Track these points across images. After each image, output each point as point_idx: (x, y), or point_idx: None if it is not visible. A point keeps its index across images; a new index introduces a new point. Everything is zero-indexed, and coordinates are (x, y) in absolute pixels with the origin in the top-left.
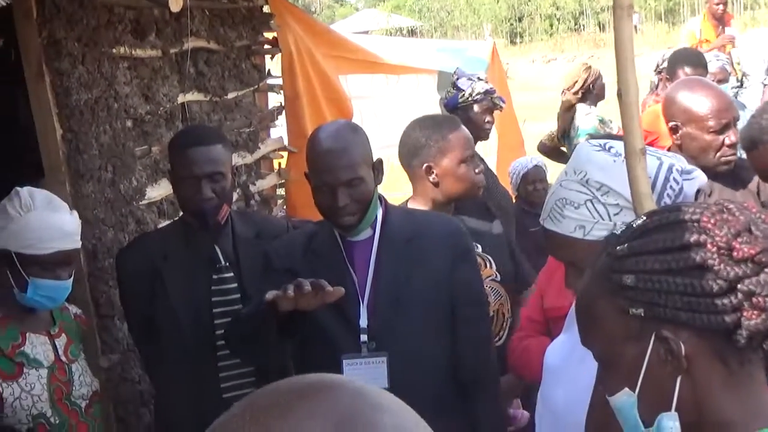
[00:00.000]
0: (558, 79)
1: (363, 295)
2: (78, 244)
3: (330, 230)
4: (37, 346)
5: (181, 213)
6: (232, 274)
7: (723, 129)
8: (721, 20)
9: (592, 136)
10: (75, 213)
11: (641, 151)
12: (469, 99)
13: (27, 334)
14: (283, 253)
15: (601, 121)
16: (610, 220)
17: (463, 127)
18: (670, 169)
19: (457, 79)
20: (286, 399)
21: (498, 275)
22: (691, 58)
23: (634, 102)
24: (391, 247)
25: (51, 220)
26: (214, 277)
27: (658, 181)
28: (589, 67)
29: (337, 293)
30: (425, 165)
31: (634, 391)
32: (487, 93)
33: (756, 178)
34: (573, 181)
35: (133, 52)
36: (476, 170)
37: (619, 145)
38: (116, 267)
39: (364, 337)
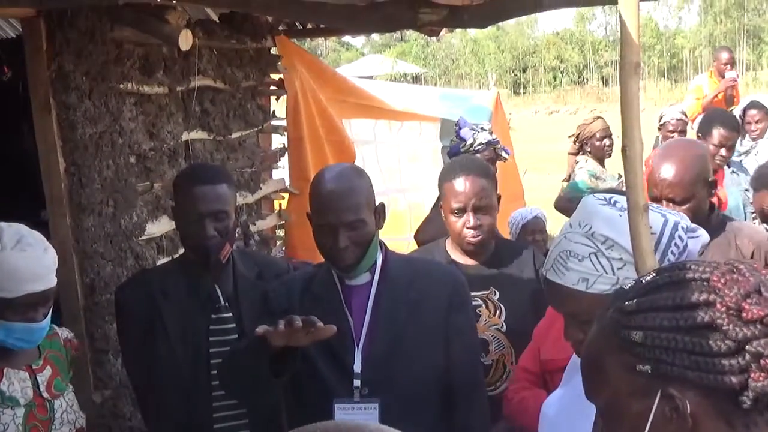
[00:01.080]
0: (559, 131)
1: (358, 340)
2: (53, 283)
3: (329, 273)
4: (15, 383)
5: (181, 250)
6: (231, 314)
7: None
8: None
9: (574, 190)
10: (50, 249)
11: (644, 207)
12: (471, 149)
13: (5, 371)
14: (281, 294)
15: (593, 175)
16: (614, 274)
17: (474, 177)
18: (675, 227)
19: (460, 128)
20: None
21: (504, 326)
22: (725, 119)
23: (639, 157)
24: (388, 293)
25: (20, 262)
26: (213, 316)
27: (663, 238)
28: (588, 123)
29: (328, 331)
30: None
31: None
32: (490, 143)
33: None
34: (578, 233)
35: (140, 88)
36: (467, 224)
37: (623, 200)
38: (115, 302)
39: (357, 383)
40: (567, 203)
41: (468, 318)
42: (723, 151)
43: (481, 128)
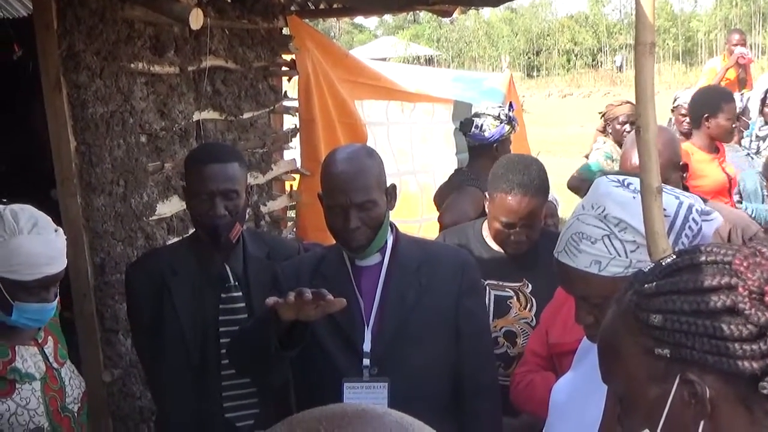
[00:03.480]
0: (572, 115)
1: (368, 320)
2: (64, 264)
3: (339, 254)
4: (28, 359)
5: (191, 230)
6: (240, 293)
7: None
8: (740, 63)
9: (588, 172)
10: (60, 231)
11: (657, 190)
12: (495, 142)
13: (16, 348)
14: (290, 274)
15: (609, 157)
16: (627, 257)
17: (531, 199)
18: (689, 209)
19: (509, 110)
20: (327, 427)
21: (534, 320)
22: (723, 93)
23: (653, 140)
24: (399, 274)
25: (38, 245)
26: (223, 295)
27: (677, 221)
28: (616, 105)
29: (338, 304)
30: (487, 192)
31: None
32: (511, 130)
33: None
34: (591, 215)
35: (151, 68)
36: (513, 236)
37: (637, 182)
38: (126, 281)
39: (366, 362)
40: (579, 182)
41: (479, 302)
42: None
43: (504, 119)
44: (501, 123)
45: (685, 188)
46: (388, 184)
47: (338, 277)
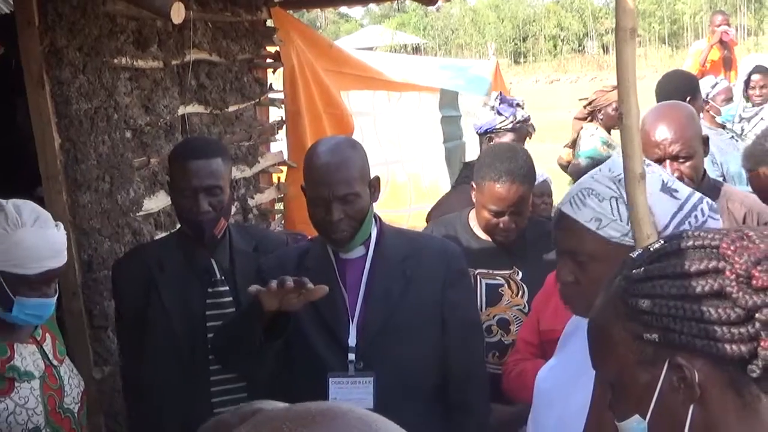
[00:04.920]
0: (560, 100)
1: (353, 314)
2: (65, 260)
3: (323, 247)
4: (27, 357)
5: (179, 225)
6: (227, 288)
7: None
8: (724, 43)
9: (592, 159)
10: (61, 225)
11: (641, 176)
12: (509, 126)
13: (15, 346)
14: (274, 268)
15: (605, 143)
16: (627, 225)
17: (519, 186)
18: (700, 200)
19: (500, 103)
20: (290, 427)
21: (527, 306)
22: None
23: (635, 125)
24: (383, 266)
25: (40, 239)
26: (209, 290)
27: (686, 205)
28: (607, 91)
29: (320, 291)
30: (472, 182)
31: (644, 418)
32: (525, 121)
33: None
34: (605, 176)
35: (135, 62)
36: (501, 224)
37: (655, 165)
38: (112, 277)
39: (351, 356)
40: (585, 170)
41: (465, 293)
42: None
43: (517, 104)
44: (518, 108)
45: (704, 170)
46: (372, 176)
47: (322, 270)
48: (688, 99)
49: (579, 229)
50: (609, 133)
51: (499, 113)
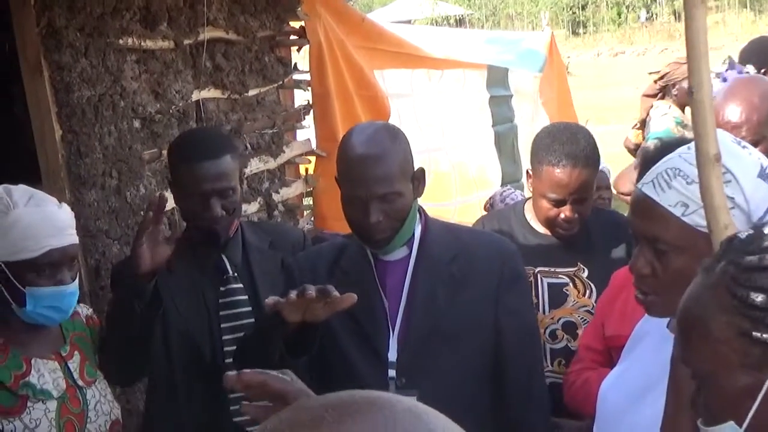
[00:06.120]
0: (625, 75)
1: (394, 324)
2: (75, 240)
3: (361, 247)
4: (46, 374)
5: None
6: (241, 286)
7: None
8: None
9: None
10: (65, 206)
11: (715, 158)
12: None
13: (32, 361)
14: (306, 268)
15: (680, 124)
16: None
17: (581, 170)
18: None
19: (727, 69)
20: (333, 415)
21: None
22: None
23: (707, 100)
24: (428, 269)
25: (36, 217)
26: (222, 289)
27: None
28: (682, 63)
29: (348, 300)
30: (527, 169)
31: (740, 426)
32: None
33: None
34: (695, 155)
35: (143, 43)
36: (563, 214)
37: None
38: (113, 281)
39: (392, 372)
40: (660, 153)
41: (522, 297)
42: None
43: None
44: (719, 81)
45: None
46: (415, 168)
47: (360, 274)
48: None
49: (662, 214)
50: (683, 111)
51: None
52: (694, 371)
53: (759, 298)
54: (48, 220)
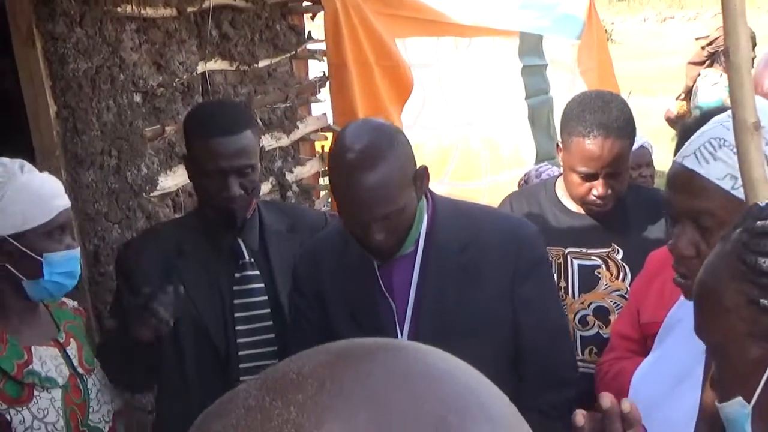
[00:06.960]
0: (674, 43)
1: (402, 326)
2: (68, 203)
3: None
4: (48, 361)
5: None
6: (257, 272)
7: None
8: None
9: (703, 111)
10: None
11: (754, 126)
12: None
13: (32, 348)
14: (308, 265)
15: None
16: None
17: (614, 141)
18: None
19: None
20: (347, 362)
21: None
22: None
23: (745, 64)
24: (437, 261)
25: (38, 181)
26: (237, 275)
27: None
28: None
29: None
30: (557, 142)
31: (749, 402)
32: None
33: None
34: None
35: (143, 11)
36: (595, 190)
37: None
38: (117, 265)
39: None
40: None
41: (542, 285)
42: None
43: None
44: None
45: None
46: (418, 166)
47: (364, 271)
48: None
49: (707, 187)
50: None
51: None
52: (707, 344)
53: (766, 263)
54: (48, 183)
